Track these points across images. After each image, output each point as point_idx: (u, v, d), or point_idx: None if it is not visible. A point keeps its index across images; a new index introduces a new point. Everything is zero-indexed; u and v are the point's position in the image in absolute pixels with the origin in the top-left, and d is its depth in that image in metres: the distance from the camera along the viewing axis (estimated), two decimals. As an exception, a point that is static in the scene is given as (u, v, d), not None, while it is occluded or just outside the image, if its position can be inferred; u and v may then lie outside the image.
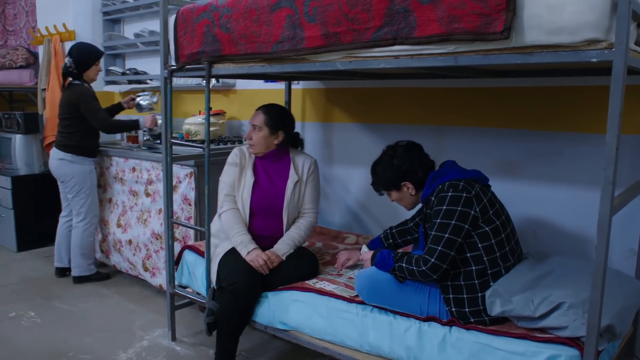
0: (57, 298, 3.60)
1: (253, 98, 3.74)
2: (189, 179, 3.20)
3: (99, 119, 3.63)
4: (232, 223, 2.59)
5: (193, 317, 3.26)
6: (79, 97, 3.61)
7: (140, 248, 3.58)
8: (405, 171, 2.19)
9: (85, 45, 3.78)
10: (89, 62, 3.70)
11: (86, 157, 3.75)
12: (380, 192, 2.34)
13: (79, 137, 3.71)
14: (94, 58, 3.72)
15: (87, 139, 3.74)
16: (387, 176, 2.23)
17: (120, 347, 2.90)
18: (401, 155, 2.21)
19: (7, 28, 6.38)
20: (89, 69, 3.70)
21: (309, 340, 2.29)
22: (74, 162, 3.70)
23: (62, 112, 3.75)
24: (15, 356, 2.81)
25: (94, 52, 3.75)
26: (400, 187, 2.22)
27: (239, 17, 2.28)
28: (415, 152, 2.24)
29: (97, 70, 3.76)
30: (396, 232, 2.56)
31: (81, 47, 3.73)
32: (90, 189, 3.76)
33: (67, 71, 3.69)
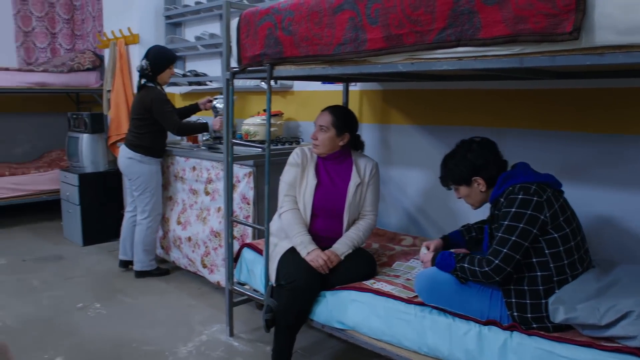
0: (120, 291, 3.74)
1: (310, 99, 3.79)
2: (248, 179, 3.26)
3: (172, 122, 3.75)
4: (293, 223, 2.62)
5: (250, 314, 3.33)
6: (152, 100, 3.74)
7: (199, 245, 3.68)
8: (479, 166, 2.15)
9: (162, 49, 3.91)
10: (164, 65, 3.83)
11: (154, 157, 3.88)
12: (448, 186, 2.30)
13: (149, 138, 3.84)
14: (169, 61, 3.85)
15: (156, 140, 3.88)
16: (460, 170, 2.19)
17: (180, 340, 3.00)
18: (476, 150, 2.18)
19: (76, 32, 6.68)
20: (163, 71, 3.84)
21: (366, 340, 2.30)
22: (143, 161, 3.84)
23: (134, 113, 3.88)
24: (84, 345, 2.95)
25: (169, 55, 3.88)
26: (471, 183, 2.18)
27: (301, 20, 2.32)
28: (490, 149, 2.20)
29: (170, 73, 3.90)
30: (477, 227, 2.49)
31: (157, 50, 3.85)
32: (155, 188, 3.89)
33: (142, 72, 3.81)
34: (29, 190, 5.54)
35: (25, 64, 6.30)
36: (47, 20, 6.50)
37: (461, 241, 2.49)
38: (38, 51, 6.48)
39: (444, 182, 2.32)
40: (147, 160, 3.86)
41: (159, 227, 4.03)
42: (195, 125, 3.89)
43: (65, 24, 6.62)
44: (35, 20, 6.42)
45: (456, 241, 2.49)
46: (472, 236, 2.48)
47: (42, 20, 6.46)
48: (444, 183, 2.33)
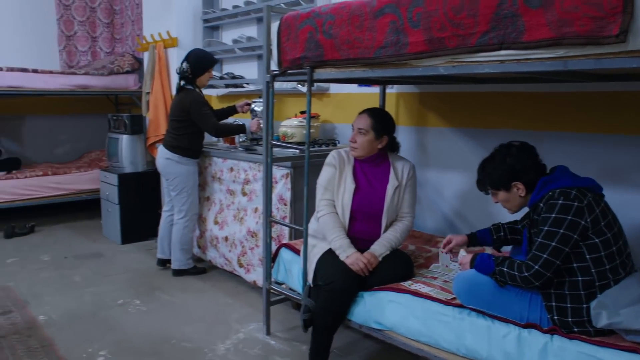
0: (158, 289, 3.83)
1: (346, 102, 3.82)
2: (285, 180, 3.31)
3: (210, 124, 3.83)
4: (331, 227, 2.65)
5: (285, 313, 3.37)
6: (191, 102, 3.82)
7: (236, 245, 3.74)
8: (519, 171, 2.13)
9: (202, 52, 4.00)
10: (204, 69, 3.91)
11: (191, 158, 3.96)
12: (486, 191, 2.28)
13: (187, 140, 3.93)
14: (209, 65, 3.94)
15: (193, 142, 3.96)
16: (498, 174, 2.17)
17: (218, 337, 3.06)
18: (515, 154, 2.16)
19: (115, 36, 6.84)
20: (202, 74, 3.92)
21: (404, 341, 2.32)
22: (180, 162, 3.92)
23: (173, 115, 3.97)
24: (125, 340, 3.03)
25: (209, 59, 3.96)
26: (510, 187, 2.16)
27: (342, 24, 2.36)
28: (529, 153, 2.18)
29: (209, 76, 3.99)
30: (507, 227, 2.49)
31: (198, 54, 3.94)
32: (192, 188, 3.97)
33: (182, 75, 3.88)
34: (69, 190, 5.71)
35: (67, 67, 6.49)
36: (88, 25, 6.68)
37: (489, 240, 2.49)
38: (79, 54, 6.66)
39: (482, 186, 2.30)
40: (185, 161, 3.94)
41: (195, 226, 4.11)
42: (233, 126, 3.95)
43: (105, 28, 6.79)
44: (77, 25, 6.61)
45: (483, 239, 2.50)
46: (499, 236, 2.48)
47: (84, 24, 6.64)
48: (481, 187, 2.31)
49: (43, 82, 5.43)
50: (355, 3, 2.33)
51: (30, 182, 5.48)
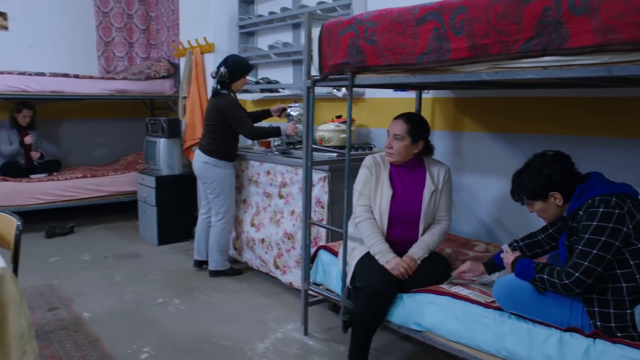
0: (195, 289, 3.92)
1: (382, 106, 3.86)
2: (323, 183, 3.37)
3: (246, 127, 3.91)
4: (369, 232, 2.69)
5: (322, 314, 3.43)
6: (227, 106, 3.91)
7: (272, 247, 3.81)
8: (556, 181, 2.12)
9: (240, 59, 4.11)
10: (240, 74, 4.01)
11: (227, 161, 4.05)
12: (521, 201, 2.27)
13: (222, 143, 4.01)
14: (245, 71, 4.04)
15: (229, 145, 4.04)
16: (535, 184, 2.16)
17: (256, 337, 3.12)
18: (551, 164, 2.15)
19: (151, 42, 7.01)
20: (238, 80, 4.01)
21: (444, 342, 2.35)
22: (217, 165, 4.01)
23: (209, 119, 4.06)
24: (167, 337, 3.12)
25: (245, 65, 4.07)
26: (547, 197, 2.15)
27: (384, 30, 2.41)
28: (565, 162, 2.17)
29: (244, 82, 4.08)
30: (524, 245, 2.48)
31: (236, 60, 4.04)
32: (229, 191, 4.06)
33: (221, 79, 3.97)
34: (107, 191, 5.86)
35: (105, 72, 6.67)
36: (126, 31, 6.86)
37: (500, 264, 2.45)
38: (116, 60, 6.84)
39: (517, 196, 2.27)
40: (221, 164, 4.03)
41: (232, 228, 4.19)
42: (269, 129, 4.02)
43: (141, 34, 6.96)
44: (115, 31, 6.79)
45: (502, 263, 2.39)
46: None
47: (121, 30, 6.82)
48: (516, 198, 2.28)
49: (84, 86, 5.61)
50: (397, 10, 2.38)
51: (70, 184, 5.65)
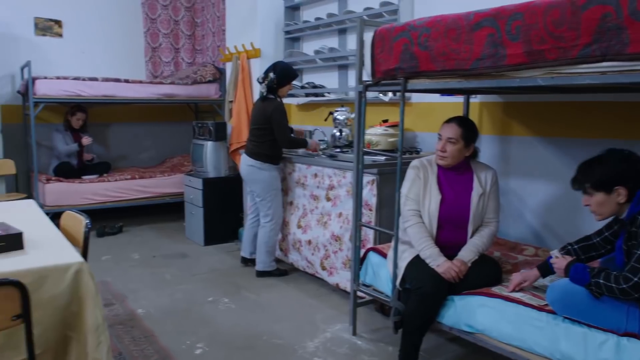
0: (243, 288, 4.02)
1: (428, 111, 3.90)
2: (371, 186, 3.42)
3: (285, 136, 4.06)
4: (419, 237, 2.73)
5: (368, 315, 3.48)
6: (273, 111, 4.02)
7: (319, 248, 3.88)
8: (627, 177, 2.10)
9: (287, 66, 4.23)
10: (287, 80, 4.13)
11: (272, 164, 4.14)
12: (584, 190, 2.22)
13: (267, 146, 4.11)
14: (291, 78, 4.16)
15: (274, 149, 4.14)
16: (604, 174, 2.14)
17: (306, 336, 3.19)
18: (627, 159, 2.14)
19: (196, 47, 7.19)
20: (285, 86, 4.13)
21: (496, 344, 2.38)
22: (262, 168, 4.11)
23: (255, 123, 4.17)
24: (219, 334, 3.22)
25: (292, 72, 4.19)
26: (612, 191, 2.13)
27: (438, 36, 2.45)
28: (635, 162, 2.16)
29: (289, 88, 4.20)
30: (579, 248, 2.46)
31: (284, 66, 4.17)
32: (275, 192, 4.16)
33: (269, 85, 4.08)
34: (154, 193, 6.03)
35: (152, 77, 6.88)
36: (172, 37, 7.05)
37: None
38: (163, 65, 7.04)
39: (579, 184, 2.24)
40: (267, 167, 4.13)
41: (280, 230, 4.28)
42: (299, 140, 4.20)
43: (187, 40, 7.14)
44: (162, 37, 6.99)
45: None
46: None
47: (168, 36, 7.02)
48: (577, 185, 2.25)
49: (134, 91, 5.80)
50: (451, 17, 2.42)
51: (119, 185, 5.84)
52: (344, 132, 4.15)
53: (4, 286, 1.59)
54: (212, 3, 6.70)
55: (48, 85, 5.39)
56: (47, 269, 1.82)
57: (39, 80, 5.35)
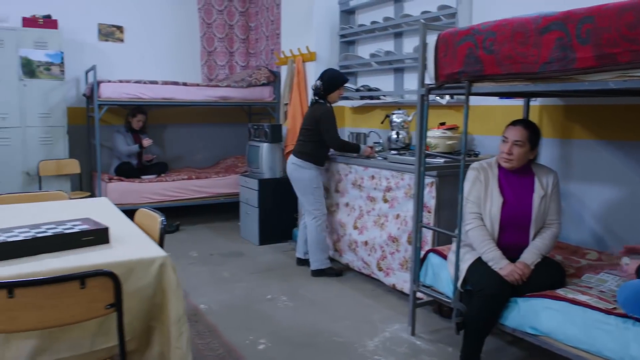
0: (300, 287, 4.10)
1: (487, 114, 3.89)
2: (430, 188, 3.45)
3: (334, 138, 4.21)
4: (481, 240, 2.75)
5: (425, 316, 3.50)
6: (321, 114, 4.20)
7: (376, 249, 3.93)
8: None
9: (334, 73, 4.33)
10: (334, 87, 4.27)
11: (313, 164, 4.30)
12: None
13: (311, 147, 4.28)
14: (339, 84, 4.27)
15: (318, 150, 4.30)
16: None
17: (365, 335, 3.25)
18: None
19: (250, 51, 7.34)
20: (333, 92, 4.26)
21: (562, 347, 2.37)
22: (303, 167, 4.29)
23: (305, 124, 4.37)
24: (280, 331, 3.31)
25: (339, 79, 4.29)
26: None
27: (504, 40, 2.47)
28: None
29: (339, 94, 4.32)
30: None
31: (330, 74, 4.29)
32: (315, 190, 4.31)
33: (316, 91, 4.28)
34: (209, 193, 6.20)
35: (207, 80, 7.06)
36: (227, 41, 7.23)
37: None
38: (218, 68, 7.22)
39: None
40: (307, 165, 4.29)
41: (326, 225, 4.40)
42: (351, 145, 4.30)
43: (241, 44, 7.31)
44: (217, 41, 7.17)
45: None
46: None
47: (223, 40, 7.20)
48: None
49: (191, 94, 5.98)
50: (517, 20, 2.44)
51: (176, 185, 6.02)
52: (400, 134, 4.19)
53: (99, 277, 1.71)
54: (266, 7, 6.84)
55: (111, 88, 5.62)
56: (134, 262, 1.94)
57: (104, 84, 5.59)
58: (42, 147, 5.70)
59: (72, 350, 1.86)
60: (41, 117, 5.64)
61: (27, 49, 5.50)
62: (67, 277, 1.66)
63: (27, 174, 5.64)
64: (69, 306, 1.68)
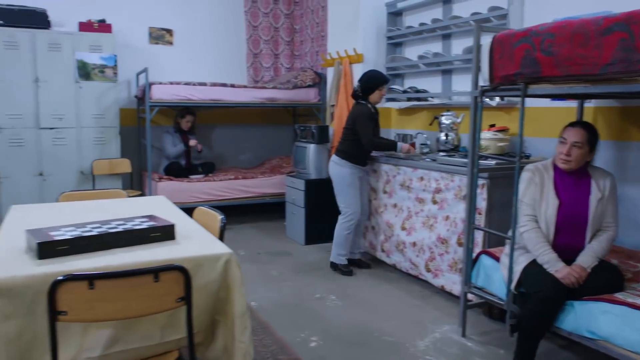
0: (348, 287, 4.14)
1: (538, 116, 3.85)
2: (481, 190, 3.44)
3: (367, 136, 4.28)
4: (535, 242, 2.74)
5: (475, 318, 3.49)
6: (358, 114, 4.32)
7: (424, 250, 3.94)
8: None
9: (372, 74, 4.38)
10: (373, 88, 4.32)
11: (349, 162, 4.39)
12: None
13: (348, 145, 4.39)
14: (378, 85, 4.31)
15: (354, 149, 4.38)
16: None
17: (416, 335, 3.26)
18: None
19: (294, 53, 7.43)
20: (372, 93, 4.33)
21: (622, 352, 2.34)
22: (338, 164, 4.41)
23: (345, 123, 4.50)
24: (331, 329, 3.35)
25: (378, 80, 4.33)
26: None
27: (563, 42, 2.46)
28: None
29: (380, 94, 4.35)
30: None
31: (369, 75, 4.37)
32: (347, 188, 4.41)
33: (354, 94, 4.42)
34: (255, 193, 6.30)
35: (253, 82, 7.18)
36: (272, 43, 7.34)
37: None
38: (263, 70, 7.33)
39: None
40: (342, 163, 4.40)
41: (353, 225, 4.47)
42: (386, 143, 4.36)
43: (286, 46, 7.40)
44: (263, 44, 7.28)
45: None
46: None
47: (268, 43, 7.31)
48: None
49: (239, 95, 6.10)
50: (577, 22, 2.42)
51: (223, 185, 6.15)
52: (449, 136, 4.19)
53: (172, 271, 1.78)
54: (311, 10, 6.92)
55: (162, 90, 5.78)
56: (201, 258, 2.01)
57: (155, 85, 5.75)
58: (95, 147, 5.90)
59: (143, 341, 1.94)
60: (95, 118, 5.84)
61: (83, 52, 5.71)
62: (143, 271, 1.74)
63: (82, 173, 5.84)
64: (143, 298, 1.76)
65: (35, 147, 5.62)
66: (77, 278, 1.66)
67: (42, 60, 5.52)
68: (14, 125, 5.50)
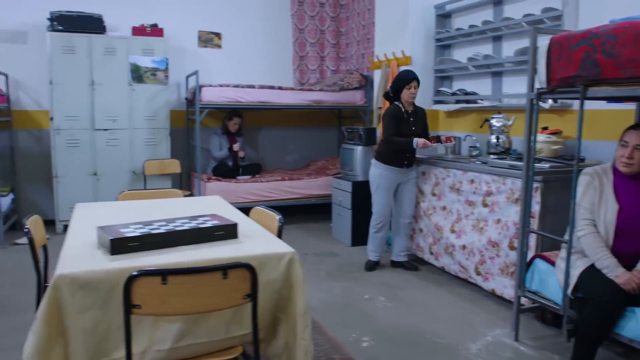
0: (396, 288, 4.16)
1: (592, 119, 3.78)
2: (535, 193, 3.40)
3: (385, 134, 4.35)
4: (594, 247, 2.70)
5: (527, 322, 3.46)
6: (384, 114, 4.43)
7: (474, 253, 3.92)
8: None
9: (399, 74, 4.46)
10: (400, 87, 4.34)
11: (381, 162, 4.45)
12: None
13: (381, 146, 4.50)
14: (404, 83, 4.32)
15: (384, 149, 4.44)
16: None
17: (467, 338, 3.26)
18: None
19: (340, 55, 7.47)
20: (401, 92, 4.35)
21: (686, 359, 2.31)
22: (373, 165, 4.56)
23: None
24: (382, 330, 3.38)
25: (402, 78, 4.35)
26: None
27: (626, 43, 2.42)
28: None
29: (408, 92, 4.32)
30: None
31: (396, 76, 4.45)
32: (376, 190, 4.51)
33: (386, 95, 4.53)
34: (301, 194, 6.37)
35: (299, 84, 7.26)
36: (318, 46, 7.40)
37: None
38: (309, 72, 7.40)
39: None
40: (375, 164, 4.51)
41: (379, 226, 4.56)
42: (401, 142, 4.31)
43: (332, 48, 7.46)
44: (309, 46, 7.36)
45: None
46: None
47: (314, 45, 7.38)
48: None
49: (286, 97, 6.20)
50: (641, 23, 2.39)
51: (270, 186, 6.24)
52: (500, 138, 4.16)
53: (239, 268, 1.84)
54: (357, 13, 6.95)
55: (212, 92, 5.92)
56: (265, 256, 2.07)
57: (205, 88, 5.89)
58: (147, 147, 6.07)
59: (210, 336, 2.01)
60: (147, 119, 6.02)
61: (136, 55, 5.89)
62: (212, 268, 1.80)
63: (134, 173, 6.02)
64: (212, 294, 1.82)
65: (90, 148, 5.83)
66: (151, 273, 1.73)
67: (97, 63, 5.73)
68: (70, 126, 5.71)
